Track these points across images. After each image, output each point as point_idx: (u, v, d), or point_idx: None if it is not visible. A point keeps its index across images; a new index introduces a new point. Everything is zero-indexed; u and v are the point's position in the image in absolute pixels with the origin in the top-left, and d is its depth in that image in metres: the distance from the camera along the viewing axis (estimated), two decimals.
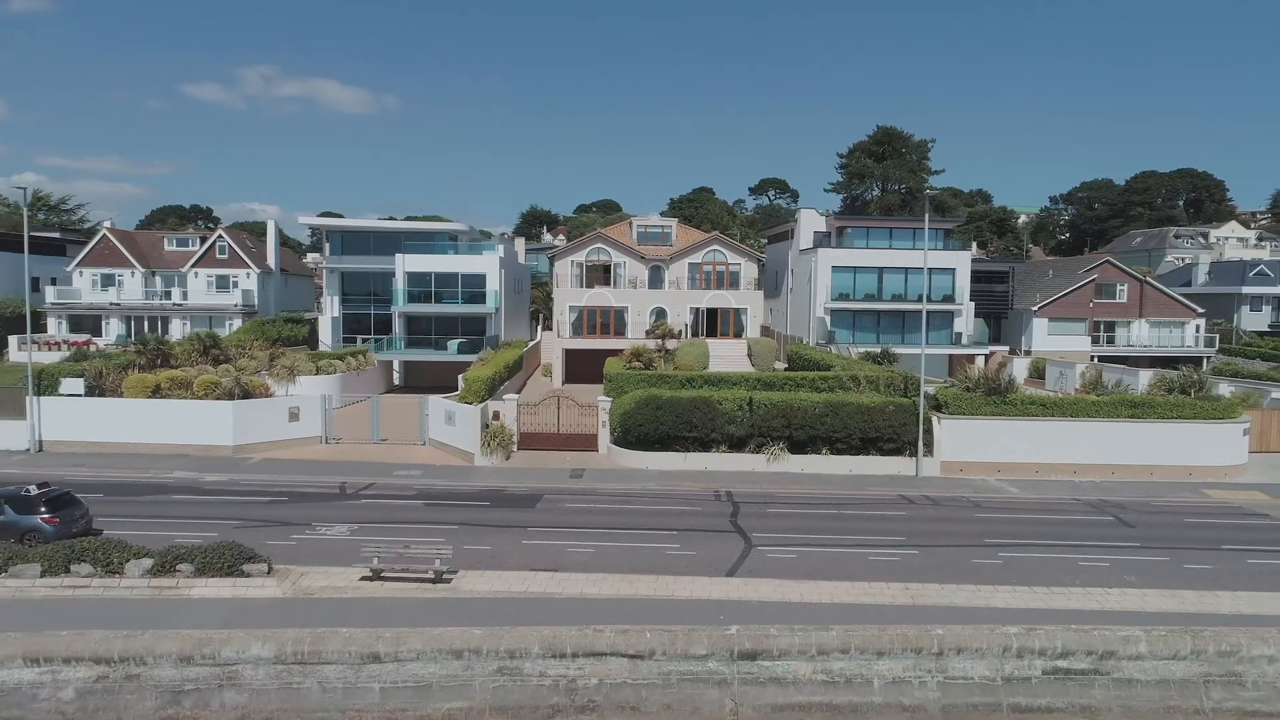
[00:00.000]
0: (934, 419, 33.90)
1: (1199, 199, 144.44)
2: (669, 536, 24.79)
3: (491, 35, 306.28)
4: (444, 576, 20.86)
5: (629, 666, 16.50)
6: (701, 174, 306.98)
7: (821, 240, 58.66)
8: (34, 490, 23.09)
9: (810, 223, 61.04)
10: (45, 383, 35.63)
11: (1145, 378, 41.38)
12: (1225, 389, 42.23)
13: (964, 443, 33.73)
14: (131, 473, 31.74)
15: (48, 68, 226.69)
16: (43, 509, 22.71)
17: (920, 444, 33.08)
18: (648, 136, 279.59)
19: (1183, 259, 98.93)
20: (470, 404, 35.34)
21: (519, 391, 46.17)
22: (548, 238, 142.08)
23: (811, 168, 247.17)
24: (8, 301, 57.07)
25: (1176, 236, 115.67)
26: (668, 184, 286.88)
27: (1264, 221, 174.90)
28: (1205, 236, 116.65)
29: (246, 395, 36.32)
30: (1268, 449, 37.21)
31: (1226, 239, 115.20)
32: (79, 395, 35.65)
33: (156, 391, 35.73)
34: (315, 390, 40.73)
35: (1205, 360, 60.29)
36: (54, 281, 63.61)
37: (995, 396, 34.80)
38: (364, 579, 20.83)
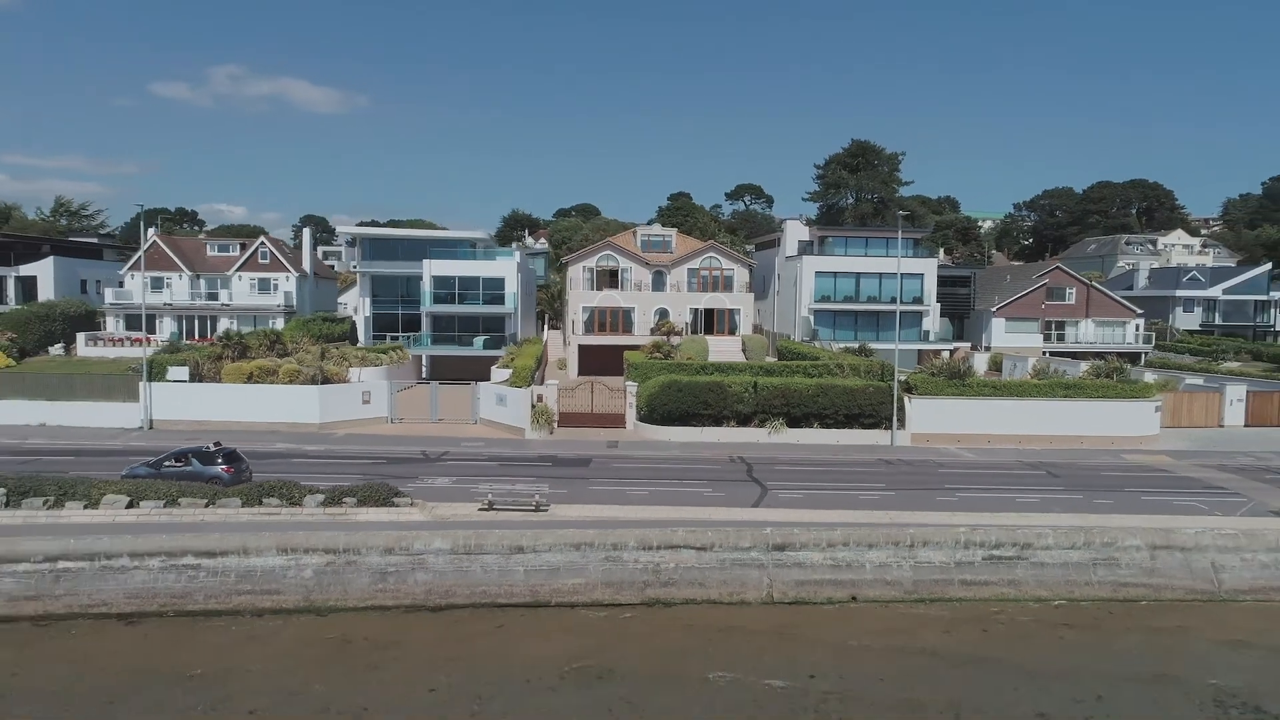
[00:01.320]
0: (905, 399, 41.52)
1: (1150, 208, 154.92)
2: (701, 485, 32.03)
3: (465, 37, 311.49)
4: (541, 507, 27.88)
5: (696, 556, 23.72)
6: (679, 179, 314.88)
7: (805, 248, 66.34)
8: (213, 447, 29.80)
9: (795, 232, 68.75)
10: (155, 371, 41.92)
11: (1083, 367, 49.50)
12: (1150, 377, 50.63)
13: (930, 418, 41.40)
14: (240, 444, 38.28)
15: (11, 64, 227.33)
16: (219, 461, 29.41)
17: (894, 419, 40.69)
18: (625, 142, 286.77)
19: (1132, 264, 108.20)
20: (520, 388, 42.37)
21: (540, 382, 53.23)
22: (529, 241, 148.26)
23: (786, 173, 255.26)
24: (69, 302, 62.86)
25: (1128, 243, 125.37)
26: (646, 189, 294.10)
27: (1216, 227, 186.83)
28: (1154, 243, 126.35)
29: (326, 381, 43.03)
30: (1178, 424, 45.33)
31: (1173, 246, 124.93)
32: (184, 381, 42.08)
33: (250, 378, 42.31)
34: (367, 380, 47.42)
35: (1142, 355, 68.86)
36: (99, 284, 69.47)
37: (955, 380, 42.59)
38: (481, 510, 27.80)
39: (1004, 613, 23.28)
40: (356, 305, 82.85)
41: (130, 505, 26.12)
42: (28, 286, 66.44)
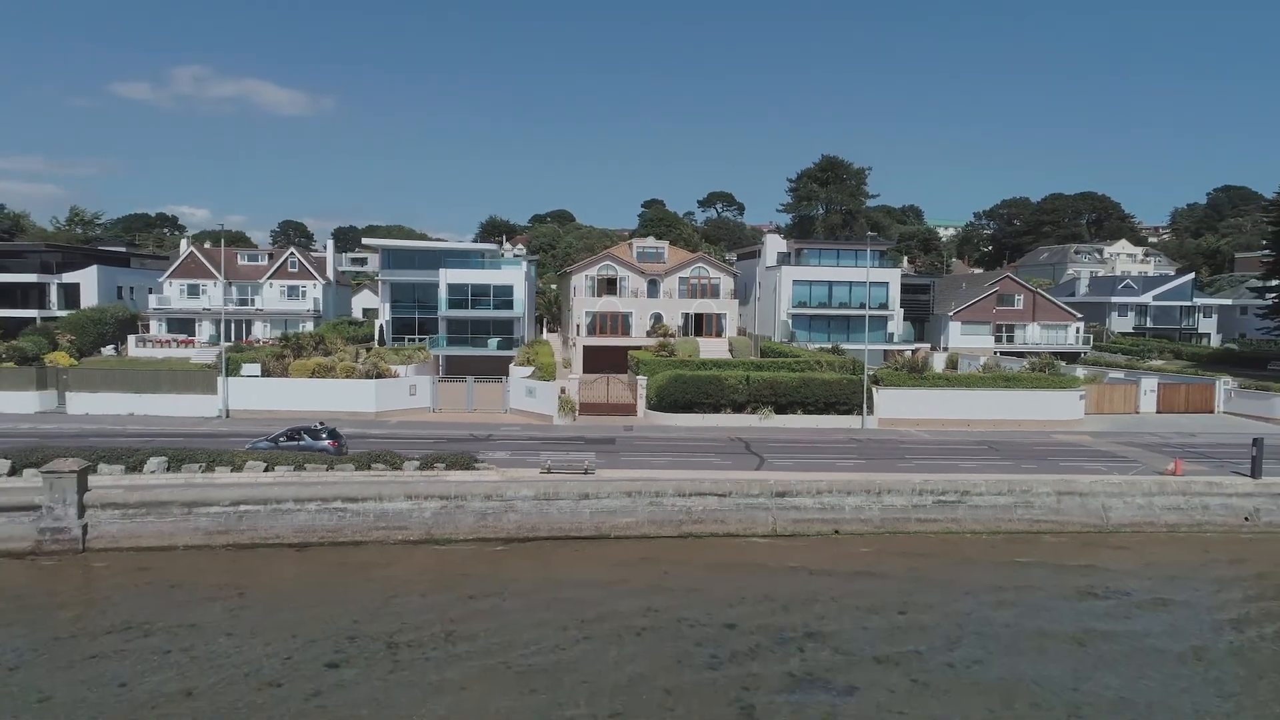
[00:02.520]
0: (874, 390, 49.79)
1: (1099, 218, 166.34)
2: (710, 456, 39.86)
3: (435, 41, 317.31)
4: (589, 470, 35.50)
5: (718, 501, 31.58)
6: (652, 186, 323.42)
7: (783, 259, 74.67)
8: (319, 426, 37.03)
9: (774, 245, 77.08)
10: (231, 367, 48.79)
11: (1022, 364, 58.28)
12: (1080, 372, 59.57)
13: (894, 405, 49.72)
14: None
15: None
16: (325, 436, 36.65)
17: (865, 406, 48.93)
18: (599, 148, 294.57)
19: (1080, 272, 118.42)
20: (548, 382, 49.96)
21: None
22: (507, 246, 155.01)
23: (756, 181, 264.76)
24: (116, 307, 69.08)
25: (1076, 252, 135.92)
26: (620, 195, 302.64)
27: (1165, 235, 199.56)
28: (1100, 252, 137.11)
29: (380, 376, 50.23)
30: (1101, 411, 54.18)
31: (1118, 255, 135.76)
32: (256, 376, 49.02)
33: (313, 373, 49.37)
34: (406, 376, 54.60)
35: (1081, 354, 78.17)
36: (131, 290, 75.70)
37: (915, 374, 51.01)
38: (542, 472, 35.34)
39: (947, 540, 31.47)
40: (364, 307, 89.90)
41: (267, 469, 33.29)
42: (70, 293, 72.44)
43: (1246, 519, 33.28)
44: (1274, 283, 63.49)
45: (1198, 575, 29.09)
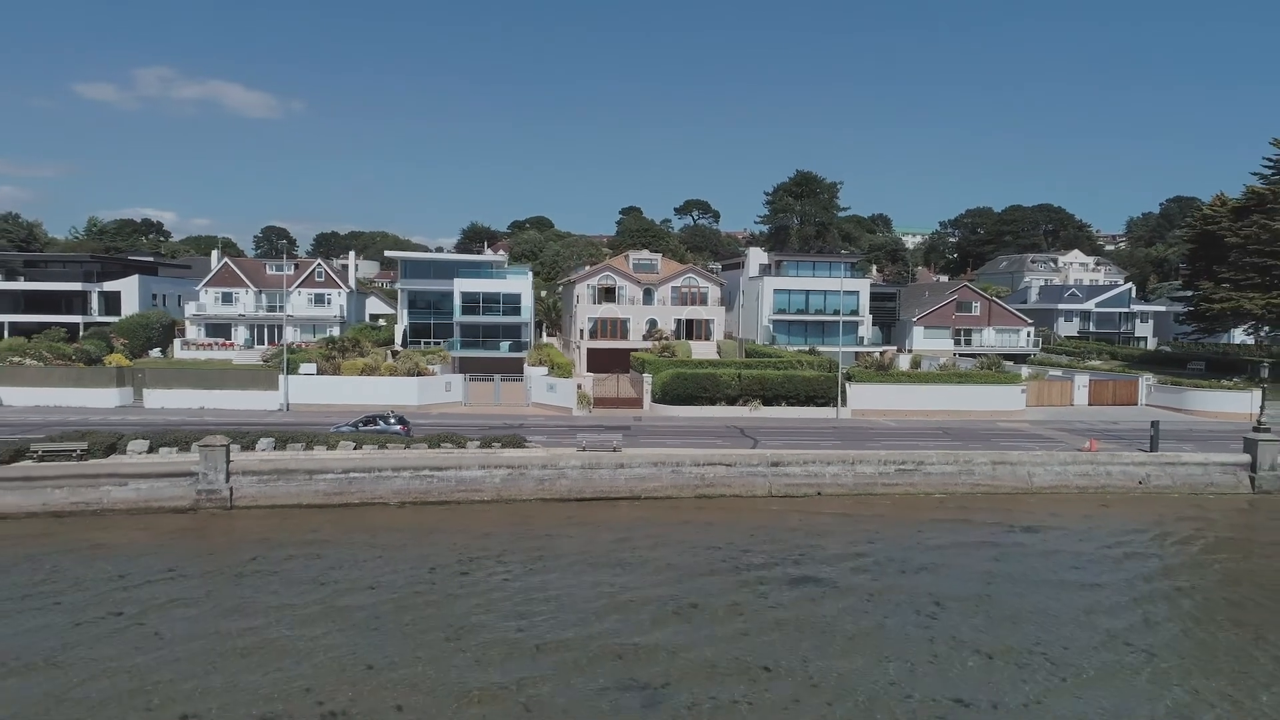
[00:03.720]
0: (847, 385, 58.58)
1: (1055, 228, 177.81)
2: (712, 439, 48.24)
3: (407, 45, 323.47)
4: (617, 449, 43.74)
5: (725, 469, 40.04)
6: (629, 192, 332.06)
7: (765, 270, 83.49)
8: (391, 414, 44.95)
9: (756, 257, 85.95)
10: (291, 366, 56.36)
11: (974, 363, 67.51)
12: (1025, 371, 68.97)
13: (864, 398, 58.51)
14: None
15: None
16: (395, 422, 44.58)
17: (839, 399, 57.70)
18: (575, 155, 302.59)
19: (1033, 280, 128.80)
20: (566, 379, 58.16)
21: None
22: (489, 252, 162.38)
23: (731, 188, 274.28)
24: (159, 313, 76.07)
25: (1033, 261, 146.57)
26: (597, 201, 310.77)
27: (1121, 243, 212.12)
28: (1055, 261, 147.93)
29: (420, 374, 58.09)
30: (1041, 403, 63.48)
31: (1071, 264, 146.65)
32: (312, 374, 56.65)
33: (362, 371, 57.13)
34: (438, 374, 62.49)
35: (1030, 355, 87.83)
36: (164, 298, 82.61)
37: (882, 371, 59.93)
38: (579, 450, 43.51)
39: (907, 499, 40.24)
40: (371, 313, 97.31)
41: (356, 448, 41.15)
42: (110, 300, 79.25)
43: (1140, 482, 42.44)
44: (1189, 293, 73.35)
45: (1092, 519, 38.07)
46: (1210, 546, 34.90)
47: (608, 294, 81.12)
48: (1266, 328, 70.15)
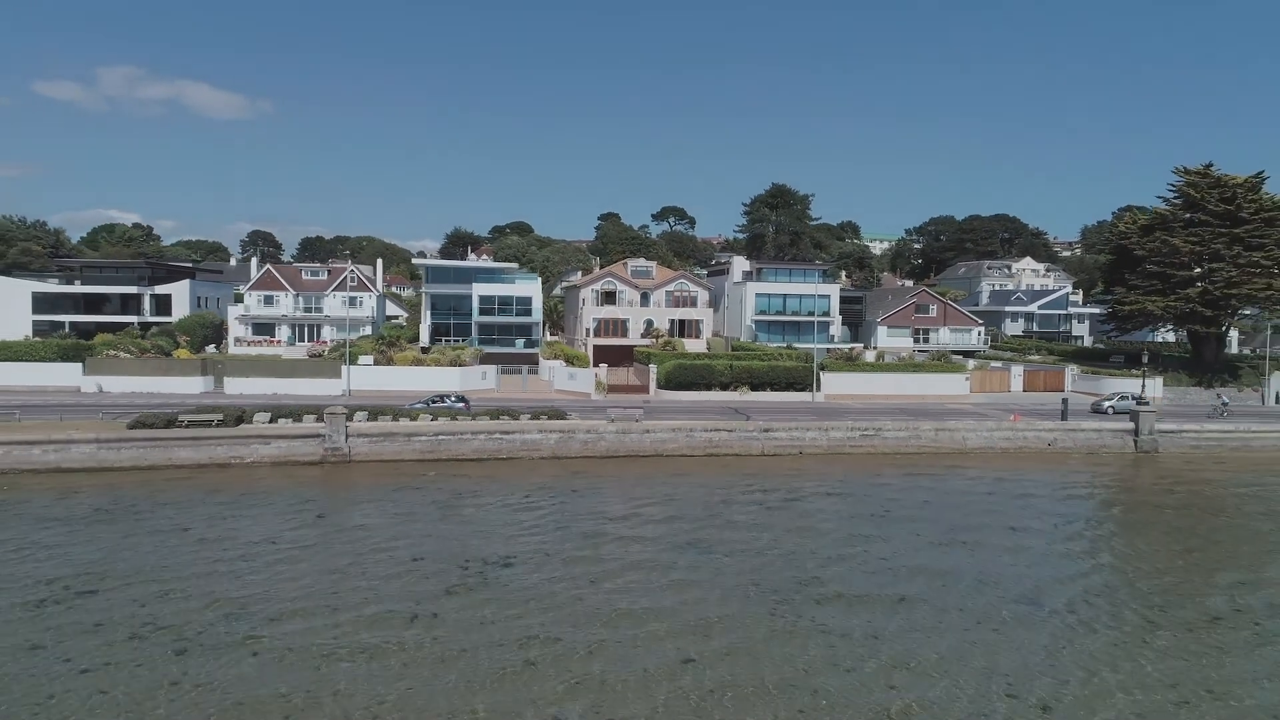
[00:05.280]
0: (821, 373, 70.55)
1: (1011, 237, 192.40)
2: (712, 416, 59.88)
3: (379, 47, 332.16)
4: (639, 420, 55.17)
5: (728, 434, 51.74)
6: (607, 198, 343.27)
7: (748, 276, 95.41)
8: (455, 393, 56.00)
9: (739, 265, 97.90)
10: (352, 358, 67.01)
11: (926, 357, 79.98)
12: (971, 364, 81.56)
13: (836, 385, 70.52)
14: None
15: None
16: (458, 400, 55.64)
17: (815, 385, 69.65)
18: (553, 160, 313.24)
19: (991, 284, 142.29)
20: (585, 369, 69.47)
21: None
22: (473, 257, 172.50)
23: (706, 195, 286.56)
24: (210, 314, 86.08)
25: (989, 268, 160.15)
26: (576, 207, 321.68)
27: (1077, 249, 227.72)
28: (1009, 268, 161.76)
29: (461, 365, 69.04)
30: (983, 390, 75.94)
31: (1023, 270, 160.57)
32: (370, 365, 67.35)
33: (413, 363, 67.95)
34: (470, 366, 73.47)
35: (979, 352, 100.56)
36: (205, 300, 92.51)
37: (850, 363, 72.02)
38: (609, 421, 54.87)
39: (869, 455, 52.16)
40: (386, 314, 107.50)
41: (433, 419, 52.12)
42: (161, 302, 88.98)
43: (1049, 444, 54.85)
44: (1108, 297, 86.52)
45: (1008, 468, 50.22)
46: (1093, 483, 47.37)
47: (609, 297, 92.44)
48: (1171, 325, 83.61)
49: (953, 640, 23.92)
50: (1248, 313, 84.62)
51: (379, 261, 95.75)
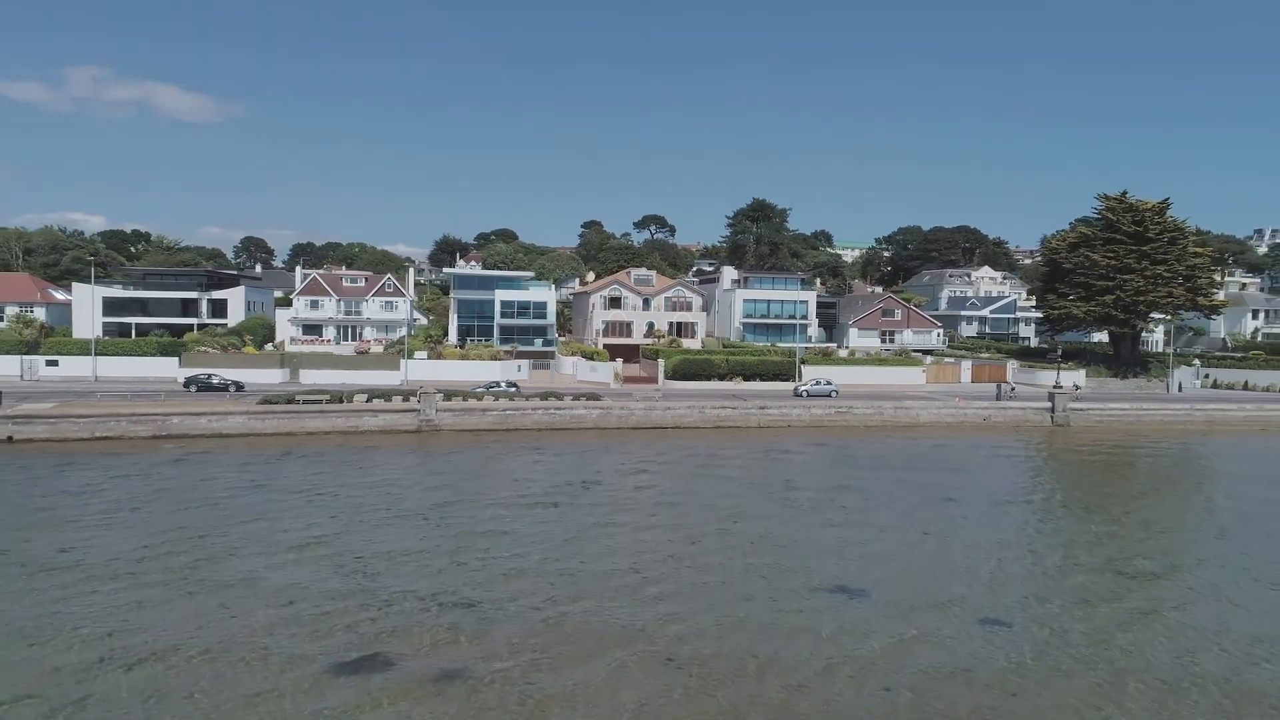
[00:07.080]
0: (802, 367, 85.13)
1: (972, 246, 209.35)
2: (715, 401, 74.16)
3: (365, 49, 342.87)
4: (658, 401, 69.21)
5: (733, 410, 66.15)
6: (589, 205, 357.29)
7: (736, 284, 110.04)
8: (505, 381, 69.81)
9: (729, 274, 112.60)
10: (409, 352, 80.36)
11: (890, 353, 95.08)
12: (929, 360, 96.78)
13: (815, 376, 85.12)
14: (473, 388, 77.37)
15: None
16: (510, 385, 69.43)
17: (797, 376, 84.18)
18: (536, 166, 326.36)
19: (951, 291, 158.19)
20: (604, 362, 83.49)
21: None
22: (461, 263, 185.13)
23: (686, 203, 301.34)
24: (264, 317, 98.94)
25: (951, 276, 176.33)
26: (559, 215, 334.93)
27: (1037, 257, 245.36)
28: (969, 276, 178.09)
29: (499, 359, 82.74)
30: (937, 381, 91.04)
31: (983, 278, 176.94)
32: (424, 359, 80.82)
33: (461, 357, 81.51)
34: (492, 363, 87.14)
35: (937, 350, 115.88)
36: (254, 305, 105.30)
37: (825, 357, 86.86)
38: (637, 401, 68.86)
39: (846, 428, 66.76)
40: (412, 316, 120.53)
41: (495, 399, 65.80)
42: (217, 306, 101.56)
43: (985, 420, 69.85)
44: (1042, 303, 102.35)
45: (951, 436, 64.98)
46: (1015, 442, 62.39)
47: (615, 302, 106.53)
48: (1094, 327, 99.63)
49: (899, 510, 38.46)
50: (1165, 317, 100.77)
51: (410, 270, 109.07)
